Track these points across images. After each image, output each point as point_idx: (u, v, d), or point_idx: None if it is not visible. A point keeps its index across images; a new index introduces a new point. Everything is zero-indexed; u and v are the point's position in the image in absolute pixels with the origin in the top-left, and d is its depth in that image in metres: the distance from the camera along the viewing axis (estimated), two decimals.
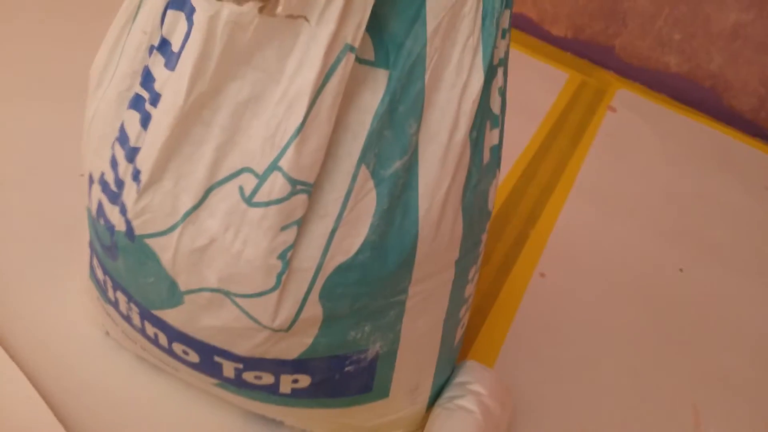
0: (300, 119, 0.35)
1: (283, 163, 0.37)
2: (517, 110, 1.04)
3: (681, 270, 0.87)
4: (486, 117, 0.43)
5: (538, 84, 1.18)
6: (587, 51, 1.33)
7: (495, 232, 0.83)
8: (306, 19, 0.34)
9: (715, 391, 0.71)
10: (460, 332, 0.55)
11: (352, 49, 0.35)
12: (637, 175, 1.02)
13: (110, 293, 0.49)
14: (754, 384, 0.73)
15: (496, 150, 0.46)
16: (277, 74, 0.35)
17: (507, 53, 0.43)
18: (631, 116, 1.16)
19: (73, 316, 0.59)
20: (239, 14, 0.33)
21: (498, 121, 0.45)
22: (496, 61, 0.42)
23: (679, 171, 1.05)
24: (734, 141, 1.19)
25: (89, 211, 0.47)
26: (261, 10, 0.33)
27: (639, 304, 0.79)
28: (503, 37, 0.42)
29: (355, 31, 0.35)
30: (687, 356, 0.74)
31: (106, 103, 0.42)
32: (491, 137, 0.45)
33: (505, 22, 0.42)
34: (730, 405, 0.70)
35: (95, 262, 0.50)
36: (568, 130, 1.07)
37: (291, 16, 0.33)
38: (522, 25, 1.36)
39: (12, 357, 0.55)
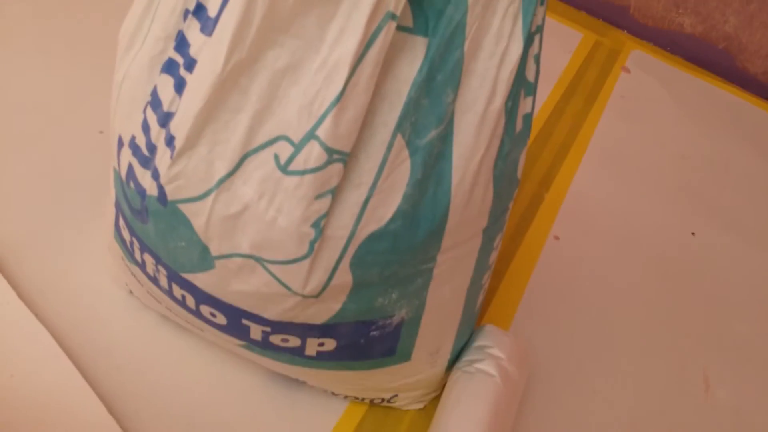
0: (339, 89, 0.35)
1: (320, 132, 0.36)
2: None
3: (693, 233, 0.87)
4: (521, 85, 0.43)
5: (553, 44, 1.17)
6: (602, 11, 1.31)
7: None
8: None
9: (725, 354, 0.72)
10: (481, 297, 0.55)
11: (393, 17, 0.35)
12: (651, 138, 1.01)
13: (137, 255, 0.49)
14: (764, 349, 0.74)
15: (529, 118, 0.46)
16: (316, 42, 0.35)
17: (543, 19, 0.43)
18: (645, 77, 1.15)
19: (97, 275, 0.60)
20: None
21: (532, 89, 0.44)
22: (533, 29, 0.41)
23: (691, 133, 1.05)
24: (747, 104, 1.19)
25: (117, 173, 0.47)
26: None
27: (651, 267, 0.80)
28: (541, 3, 0.41)
29: (397, 1, 0.34)
30: (698, 320, 0.75)
31: (137, 67, 0.41)
32: (525, 105, 0.45)
33: None
34: (740, 369, 0.71)
35: (122, 222, 0.50)
36: (582, 92, 1.06)
37: None
38: None
39: (38, 317, 0.56)
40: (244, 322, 0.47)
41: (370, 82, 0.36)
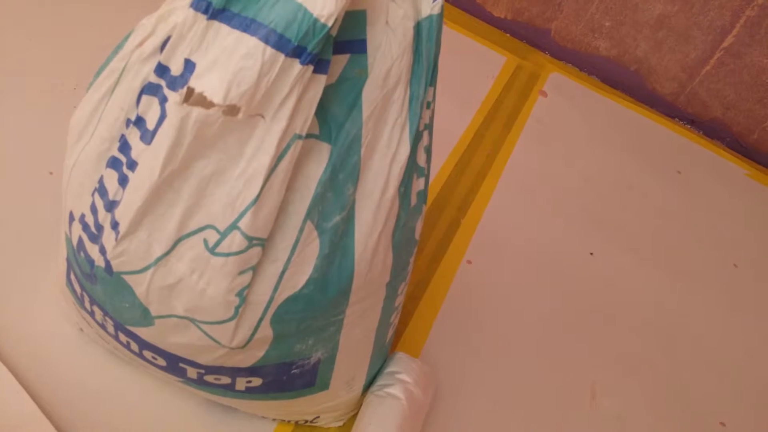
0: (256, 192, 0.43)
1: (242, 224, 0.45)
2: (456, 95, 1.13)
3: (591, 254, 0.98)
4: (413, 171, 0.52)
5: (476, 68, 1.26)
6: (525, 33, 1.40)
7: (430, 222, 0.92)
8: (262, 116, 0.41)
9: (612, 367, 0.83)
10: (391, 332, 0.65)
11: (300, 137, 0.43)
12: (560, 161, 1.11)
13: (87, 305, 0.57)
14: (647, 362, 0.85)
15: (422, 193, 0.54)
16: (237, 156, 0.43)
17: (432, 117, 0.51)
18: (561, 101, 1.26)
19: (49, 313, 0.67)
20: (207, 115, 0.40)
21: (424, 171, 0.53)
22: (421, 127, 0.50)
23: (599, 156, 1.16)
24: (654, 124, 1.30)
25: (68, 239, 0.54)
26: (225, 112, 0.40)
27: (552, 287, 0.90)
28: (428, 107, 0.50)
29: (303, 124, 0.42)
30: (590, 337, 0.86)
31: (86, 158, 0.49)
32: (418, 184, 0.53)
33: (430, 96, 0.50)
34: (624, 380, 0.82)
35: (73, 277, 0.57)
36: (501, 117, 1.16)
37: (250, 115, 0.41)
38: (464, 4, 1.42)
39: None
40: (181, 365, 0.55)
41: (282, 185, 0.44)
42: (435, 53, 0.47)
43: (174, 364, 0.55)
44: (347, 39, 0.43)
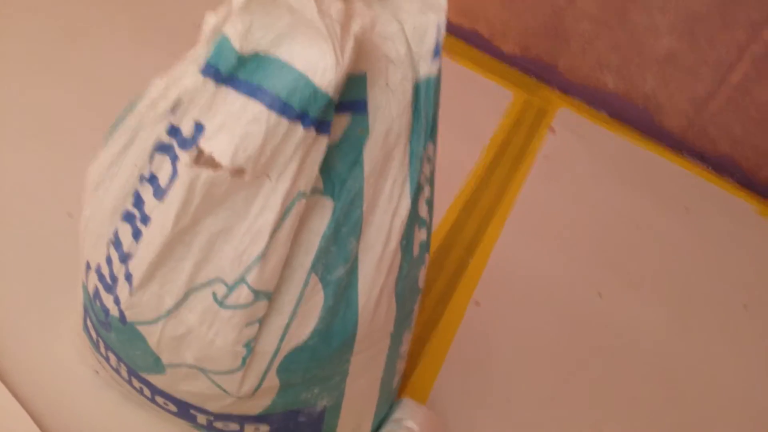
0: (261, 248, 0.45)
1: (248, 278, 0.46)
2: (464, 133, 1.15)
3: (600, 294, 0.99)
4: (415, 223, 0.53)
5: (485, 104, 1.28)
6: (533, 68, 1.42)
7: (437, 263, 0.94)
8: (267, 176, 0.43)
9: (618, 409, 0.84)
10: (396, 378, 0.66)
11: (304, 195, 0.45)
12: (569, 200, 1.13)
13: (102, 350, 0.59)
14: (651, 404, 0.86)
15: (424, 244, 0.56)
16: (243, 213, 0.45)
17: (433, 171, 0.53)
18: (569, 137, 1.27)
19: (66, 354, 0.68)
20: (215, 177, 0.42)
21: (425, 223, 0.55)
22: (422, 181, 0.52)
23: (607, 193, 1.17)
24: (662, 160, 1.31)
25: (85, 288, 0.56)
26: (232, 174, 0.42)
27: (560, 329, 0.91)
28: (428, 161, 0.52)
29: (307, 183, 0.44)
30: (596, 378, 0.86)
31: (102, 210, 0.51)
32: (420, 235, 0.55)
33: (430, 151, 0.51)
34: (628, 422, 0.83)
35: (89, 323, 0.59)
36: (510, 155, 1.17)
37: (255, 176, 0.43)
38: (474, 40, 1.45)
39: (13, 393, 0.64)
40: (192, 411, 0.56)
41: (287, 240, 0.46)
42: (434, 111, 0.49)
43: (185, 411, 0.56)
44: (349, 100, 0.45)
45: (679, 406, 0.86)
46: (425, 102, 0.48)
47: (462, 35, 1.44)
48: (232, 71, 0.41)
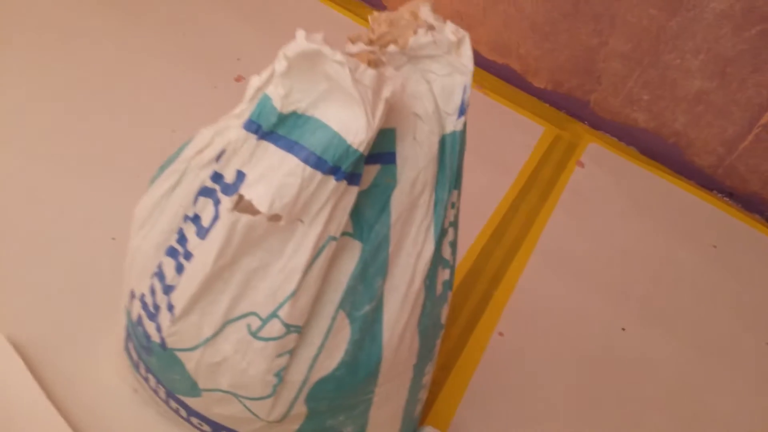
0: (294, 286, 0.49)
1: (281, 312, 0.50)
2: (494, 164, 1.18)
3: (623, 329, 1.00)
4: (438, 263, 0.57)
5: (515, 137, 1.31)
6: (564, 103, 1.45)
7: (463, 293, 0.97)
8: (301, 221, 0.47)
9: None
10: (418, 408, 0.69)
11: (334, 238, 0.48)
12: (595, 234, 1.15)
13: (142, 371, 0.63)
14: None
15: (447, 283, 0.59)
16: (278, 254, 0.49)
17: (457, 215, 0.56)
18: (598, 171, 1.29)
19: (107, 373, 0.73)
20: (254, 221, 0.46)
21: (449, 263, 0.58)
22: (446, 225, 0.55)
23: (634, 229, 1.19)
24: (691, 196, 1.33)
25: (128, 314, 0.60)
26: (269, 219, 0.46)
27: (582, 361, 0.93)
28: (452, 207, 0.55)
29: (337, 228, 0.48)
30: (617, 412, 0.88)
31: (148, 244, 0.55)
32: (443, 275, 0.58)
33: (454, 198, 0.55)
34: None
35: (131, 345, 0.63)
36: (538, 188, 1.20)
37: (290, 221, 0.47)
38: (506, 75, 1.48)
39: (58, 408, 0.69)
40: None
41: (317, 279, 0.50)
42: (459, 162, 0.52)
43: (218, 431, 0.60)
44: (379, 151, 0.49)
45: None
46: (450, 154, 0.51)
47: (495, 70, 1.47)
48: (273, 128, 0.45)
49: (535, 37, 1.38)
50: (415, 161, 0.50)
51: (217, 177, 0.48)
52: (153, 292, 0.55)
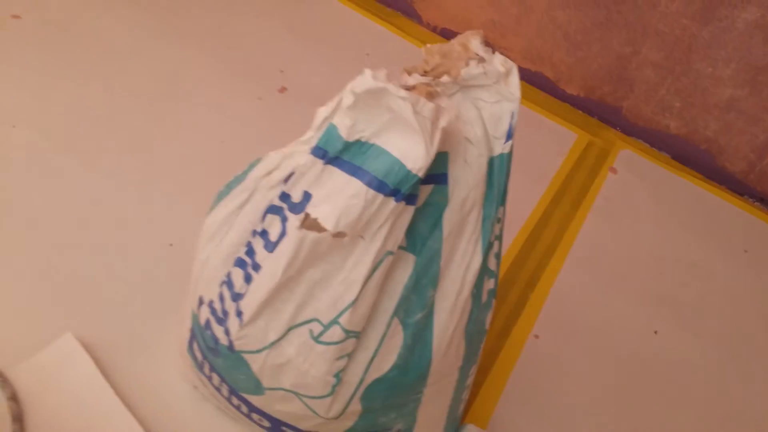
0: (354, 296, 0.54)
1: (341, 320, 0.55)
2: (527, 172, 1.22)
3: (656, 332, 1.04)
4: (485, 274, 0.61)
5: (548, 144, 1.35)
6: (597, 109, 1.48)
7: (500, 297, 1.01)
8: (362, 237, 0.52)
9: None
10: (461, 407, 0.73)
11: (391, 253, 0.53)
12: (628, 239, 1.18)
13: (206, 370, 0.68)
14: None
15: (492, 291, 0.64)
16: (340, 267, 0.53)
17: (502, 229, 0.61)
18: (630, 177, 1.32)
19: (168, 371, 0.78)
20: (319, 238, 0.51)
21: (494, 274, 0.62)
22: (492, 239, 0.60)
23: (667, 234, 1.22)
24: (723, 202, 1.35)
25: (196, 317, 0.65)
26: (334, 236, 0.51)
27: (616, 364, 0.97)
28: (498, 222, 0.59)
29: (394, 244, 0.53)
30: (650, 414, 0.91)
31: (217, 255, 0.60)
32: (488, 284, 0.63)
33: (500, 214, 0.59)
34: None
35: (196, 346, 0.68)
36: (570, 194, 1.23)
37: (352, 238, 0.52)
38: (539, 83, 1.51)
39: (124, 402, 0.75)
40: (283, 428, 0.65)
41: (375, 290, 0.54)
42: (505, 181, 0.57)
43: (277, 427, 0.65)
44: (432, 173, 0.53)
45: None
46: (498, 174, 0.56)
47: (528, 78, 1.51)
48: (338, 154, 0.50)
49: (568, 45, 1.41)
50: (466, 182, 0.54)
51: (284, 196, 0.53)
52: (222, 299, 0.60)
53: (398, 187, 0.48)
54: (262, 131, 1.13)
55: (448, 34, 1.57)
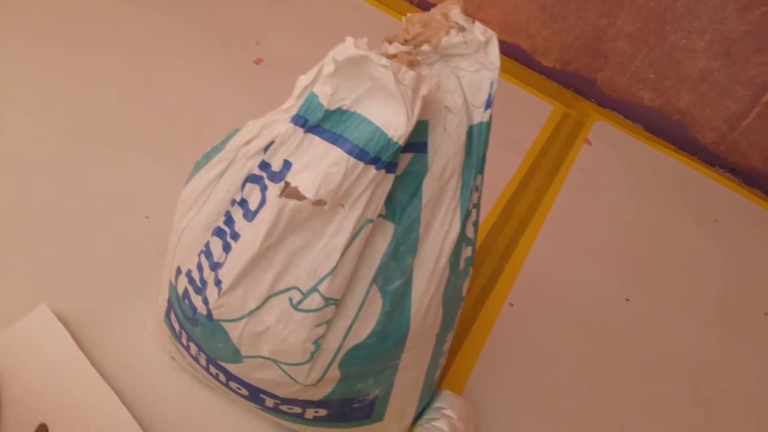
0: (333, 264, 0.54)
1: (321, 287, 0.55)
2: (503, 143, 1.22)
3: (627, 300, 1.06)
4: (463, 241, 0.62)
5: (524, 116, 1.35)
6: (572, 81, 1.49)
7: (475, 267, 1.02)
8: (342, 205, 0.52)
9: (642, 409, 0.91)
10: (438, 372, 0.74)
11: (371, 221, 0.53)
12: (602, 209, 1.20)
13: (184, 340, 0.68)
14: (675, 404, 0.93)
15: (470, 259, 0.64)
16: (320, 234, 0.54)
17: (480, 198, 0.61)
18: (604, 149, 1.34)
19: (147, 343, 0.78)
20: (299, 206, 0.51)
21: (471, 241, 0.63)
22: (471, 207, 0.60)
23: (640, 204, 1.23)
24: (694, 172, 1.37)
25: (173, 287, 0.65)
26: (314, 204, 0.51)
27: (589, 330, 0.98)
28: (476, 190, 0.60)
29: (374, 212, 0.53)
30: (622, 379, 0.94)
31: (195, 224, 0.60)
32: (466, 252, 0.63)
33: (479, 182, 0.60)
34: (652, 421, 0.90)
35: (173, 316, 0.68)
36: (546, 165, 1.24)
37: (332, 206, 0.52)
38: (515, 54, 1.52)
39: (101, 373, 0.74)
40: (261, 395, 0.66)
41: (354, 258, 0.55)
42: (484, 150, 0.57)
43: (255, 395, 0.66)
44: (412, 142, 0.53)
45: (700, 408, 0.93)
46: (477, 143, 0.56)
47: (504, 50, 1.51)
48: (319, 122, 0.50)
49: (545, 17, 1.41)
50: (445, 150, 0.54)
51: (264, 165, 0.53)
52: (200, 268, 0.60)
53: (379, 155, 0.49)
54: (238, 103, 1.12)
55: (425, 6, 1.56)
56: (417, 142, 0.54)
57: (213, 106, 1.10)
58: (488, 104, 0.54)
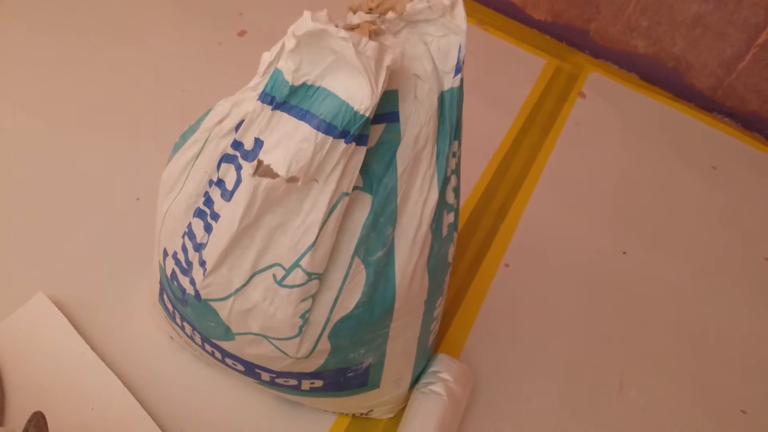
0: (312, 239, 0.54)
1: (302, 263, 0.55)
2: (496, 101, 1.21)
3: (624, 253, 1.06)
4: (443, 208, 0.62)
5: (516, 72, 1.34)
6: (565, 34, 1.47)
7: (470, 229, 1.02)
8: (316, 180, 0.52)
9: (640, 361, 0.92)
10: (432, 338, 0.75)
11: (346, 194, 0.53)
12: (597, 164, 1.19)
13: (178, 320, 0.69)
14: (673, 356, 0.93)
15: (452, 224, 0.64)
16: (297, 210, 0.54)
17: (458, 164, 0.61)
18: (599, 101, 1.32)
19: (144, 324, 0.79)
20: (273, 183, 0.51)
21: (453, 207, 0.63)
22: (449, 173, 0.60)
23: (636, 156, 1.22)
24: (691, 120, 1.36)
25: (162, 269, 0.66)
26: (287, 181, 0.51)
27: (586, 286, 0.99)
28: (454, 156, 0.60)
29: (349, 184, 0.53)
30: (620, 333, 0.94)
31: (176, 207, 0.60)
32: (448, 218, 0.63)
33: (455, 148, 0.59)
34: (650, 372, 0.90)
35: (166, 297, 0.69)
36: (539, 122, 1.23)
37: (306, 182, 0.52)
38: (506, 9, 1.49)
39: (101, 357, 0.76)
40: (257, 370, 0.67)
41: (333, 231, 0.55)
42: (457, 115, 0.57)
43: (251, 370, 0.67)
44: (383, 112, 0.53)
45: (700, 358, 0.94)
46: (449, 109, 0.56)
47: (494, 5, 1.49)
48: (285, 98, 0.49)
49: None
50: (417, 118, 0.54)
51: (237, 144, 0.53)
52: (185, 249, 0.60)
53: (347, 129, 0.48)
54: (225, 77, 1.11)
55: None
56: (388, 113, 0.53)
57: (200, 83, 1.10)
58: (458, 69, 0.53)
